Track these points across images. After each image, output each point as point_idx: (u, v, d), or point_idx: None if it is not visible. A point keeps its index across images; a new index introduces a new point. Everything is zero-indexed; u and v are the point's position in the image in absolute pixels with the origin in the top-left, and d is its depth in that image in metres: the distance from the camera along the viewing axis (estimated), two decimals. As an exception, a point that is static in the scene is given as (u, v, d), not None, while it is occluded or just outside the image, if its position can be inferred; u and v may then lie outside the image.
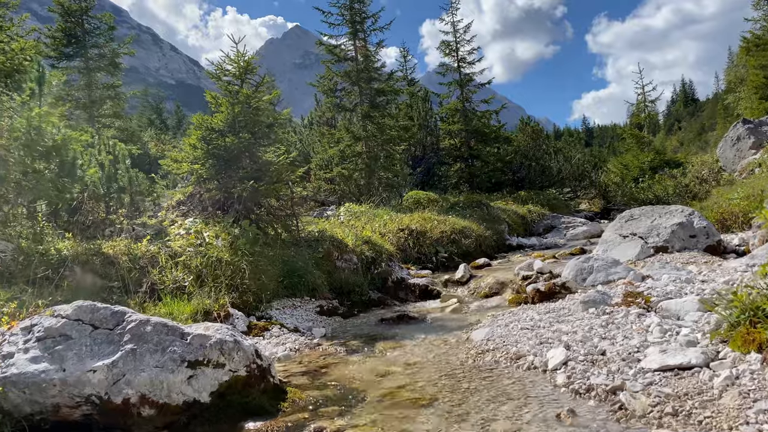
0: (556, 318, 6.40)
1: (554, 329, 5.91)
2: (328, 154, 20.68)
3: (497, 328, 6.61)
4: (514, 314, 7.29)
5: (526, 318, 6.77)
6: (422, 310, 9.58)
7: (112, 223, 10.04)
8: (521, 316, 6.93)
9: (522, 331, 6.19)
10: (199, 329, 5.00)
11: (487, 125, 29.56)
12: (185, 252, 8.80)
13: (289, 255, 10.14)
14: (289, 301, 9.53)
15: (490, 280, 10.61)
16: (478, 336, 6.57)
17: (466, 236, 14.96)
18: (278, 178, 9.99)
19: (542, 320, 6.43)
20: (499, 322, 7.05)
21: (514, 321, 6.75)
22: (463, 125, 28.49)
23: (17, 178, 8.15)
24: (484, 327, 7.03)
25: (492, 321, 7.34)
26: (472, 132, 28.64)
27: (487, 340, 6.25)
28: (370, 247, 11.67)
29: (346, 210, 16.11)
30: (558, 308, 6.92)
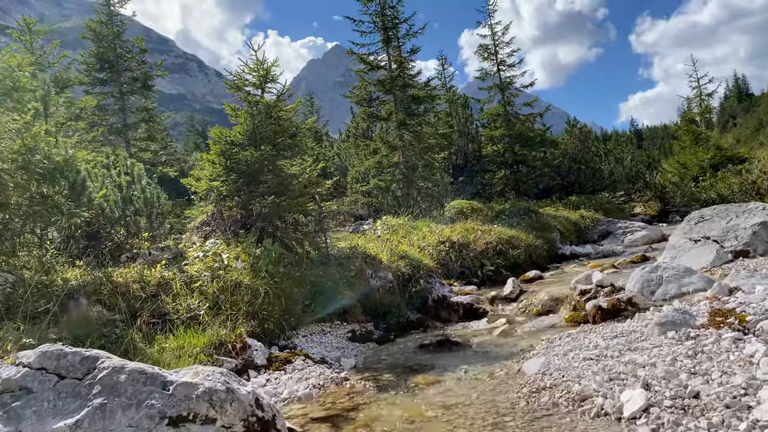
0: (627, 344, 5.24)
1: (626, 360, 4.76)
2: (365, 166, 19.84)
3: (554, 357, 5.49)
4: (574, 338, 6.14)
5: (588, 344, 5.63)
6: (466, 334, 8.51)
7: (130, 247, 9.38)
8: (583, 342, 5.79)
9: (585, 362, 5.06)
10: (186, 375, 4.11)
11: (531, 129, 28.22)
12: (201, 277, 8.01)
13: (318, 275, 9.24)
14: (317, 326, 8.61)
15: (542, 295, 9.44)
16: (531, 368, 5.48)
17: (514, 246, 13.78)
18: (302, 192, 9.13)
19: (609, 347, 5.28)
20: (556, 348, 5.93)
21: (574, 348, 5.61)
22: (506, 130, 27.24)
23: (19, 203, 7.53)
24: (538, 356, 5.92)
25: (547, 347, 6.22)
26: (515, 137, 27.35)
27: (542, 373, 5.15)
28: (407, 263, 10.66)
29: (383, 223, 15.16)
30: (627, 331, 5.74)
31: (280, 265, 8.83)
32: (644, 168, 31.87)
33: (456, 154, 27.74)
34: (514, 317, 9.15)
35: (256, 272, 8.31)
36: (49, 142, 7.31)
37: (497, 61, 28.33)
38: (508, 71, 28.40)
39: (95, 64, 21.12)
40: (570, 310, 8.53)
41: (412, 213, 15.96)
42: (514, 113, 28.28)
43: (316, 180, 9.78)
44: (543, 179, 27.63)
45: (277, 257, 8.86)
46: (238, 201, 9.18)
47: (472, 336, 8.26)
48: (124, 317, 7.33)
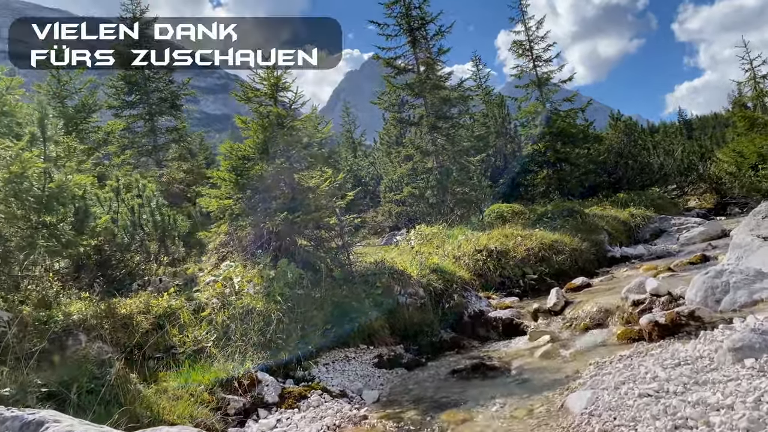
0: (693, 376, 4.30)
1: (694, 400, 3.83)
2: (398, 173, 19.08)
3: (603, 392, 4.58)
4: (627, 366, 5.20)
5: (645, 374, 4.69)
6: (505, 355, 7.62)
7: (142, 274, 8.88)
8: (638, 372, 4.85)
9: (641, 400, 4.14)
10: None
11: (572, 125, 26.89)
12: (209, 304, 7.39)
13: (341, 295, 8.51)
14: (340, 352, 7.86)
15: (590, 307, 8.46)
16: (576, 404, 4.58)
17: (558, 252, 12.74)
18: (318, 206, 8.43)
19: (671, 380, 4.34)
20: (605, 378, 5.00)
21: (627, 380, 4.68)
22: (546, 127, 26.01)
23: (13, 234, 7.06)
24: (584, 387, 5.01)
25: (596, 375, 5.29)
26: (556, 134, 26.08)
27: (589, 414, 4.26)
28: (440, 276, 9.83)
29: (416, 233, 14.35)
30: (692, 357, 4.77)
31: (298, 287, 8.14)
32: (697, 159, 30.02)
33: (494, 155, 26.66)
34: (558, 333, 8.20)
35: (270, 296, 7.64)
36: (38, 168, 6.80)
37: (533, 57, 27.15)
38: (545, 66, 27.19)
39: (123, 87, 21.08)
40: (622, 325, 7.55)
41: (447, 220, 15.10)
42: (554, 110, 27.04)
43: (335, 192, 9.06)
44: (588, 177, 26.23)
45: (295, 278, 8.18)
46: (253, 220, 8.55)
47: (511, 358, 7.37)
48: (126, 353, 6.77)
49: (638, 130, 31.64)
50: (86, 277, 8.89)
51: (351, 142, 37.35)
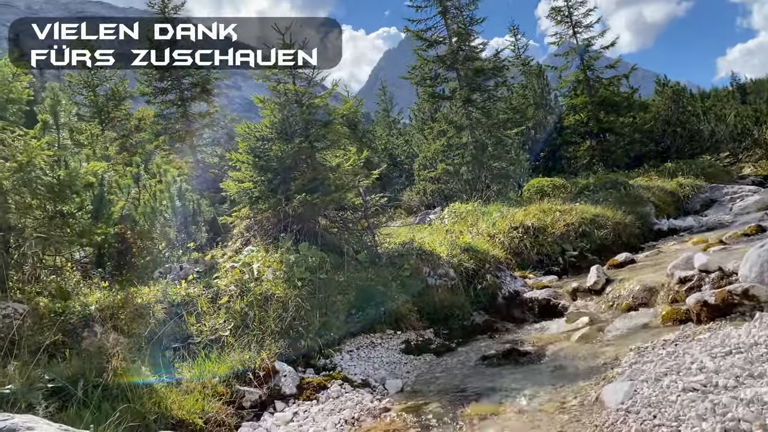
0: (747, 367, 3.75)
1: (748, 397, 3.30)
2: (431, 150, 18.50)
3: (643, 384, 4.08)
4: (671, 354, 4.66)
5: (690, 364, 4.16)
6: (540, 339, 7.13)
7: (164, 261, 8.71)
8: (682, 361, 4.31)
9: (686, 395, 3.63)
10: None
11: (616, 93, 25.67)
12: (227, 291, 7.13)
13: (365, 278, 8.15)
14: (365, 338, 7.53)
15: (633, 285, 7.86)
16: (612, 398, 4.10)
17: (600, 226, 12.05)
18: (339, 186, 8.04)
19: (721, 371, 3.80)
20: (646, 368, 4.48)
21: (670, 371, 4.16)
22: (588, 96, 24.91)
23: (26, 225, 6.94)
24: (622, 377, 4.51)
25: (635, 364, 4.78)
26: (599, 103, 24.97)
27: (626, 410, 3.78)
28: (472, 256, 9.35)
29: (450, 211, 13.85)
30: (746, 344, 4.21)
31: (320, 271, 7.81)
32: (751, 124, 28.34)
33: (533, 128, 25.73)
34: (598, 314, 7.66)
35: (290, 282, 7.34)
36: (47, 157, 6.62)
37: (572, 23, 25.95)
38: (585, 32, 25.93)
39: (155, 74, 21.07)
40: (667, 304, 6.97)
41: (483, 197, 14.53)
42: (596, 77, 25.86)
43: (358, 171, 8.65)
44: (633, 147, 25.04)
45: (318, 262, 7.85)
46: (272, 202, 8.23)
47: (546, 342, 6.88)
48: (142, 344, 6.59)
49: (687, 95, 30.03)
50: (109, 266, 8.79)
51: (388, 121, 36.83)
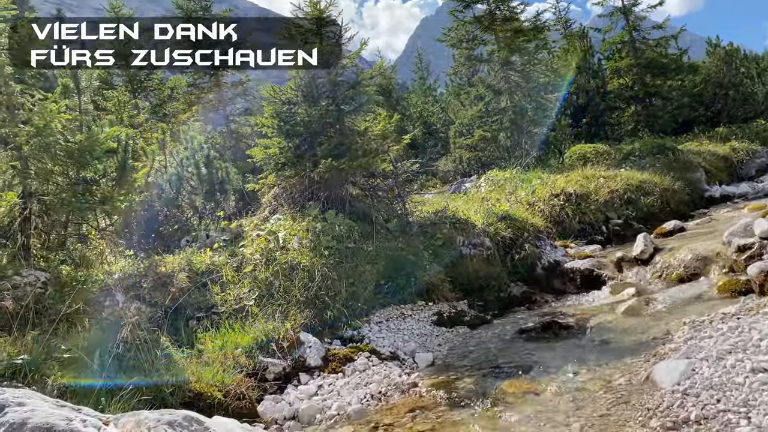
0: (829, 345, 3.24)
1: (834, 380, 2.81)
2: (468, 116, 17.83)
3: (702, 363, 3.61)
4: (734, 329, 4.14)
5: (759, 341, 3.66)
6: (582, 311, 6.65)
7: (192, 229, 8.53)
8: (748, 337, 3.81)
9: (755, 376, 3.16)
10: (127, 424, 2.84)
11: (663, 54, 24.30)
12: (252, 260, 6.86)
13: (396, 248, 7.78)
14: (395, 309, 7.18)
15: (684, 254, 7.28)
16: (665, 377, 3.65)
17: (646, 193, 11.34)
18: (366, 150, 7.62)
19: (797, 350, 3.30)
20: (704, 344, 4.00)
21: (735, 348, 3.68)
22: (634, 59, 23.66)
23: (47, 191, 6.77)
24: (677, 354, 4.05)
25: (691, 339, 4.29)
26: (645, 65, 23.68)
27: (683, 393, 3.33)
28: (509, 225, 8.86)
29: (486, 179, 13.30)
30: (824, 318, 3.68)
31: (348, 240, 7.47)
32: (812, 84, 26.62)
33: (576, 93, 24.64)
34: (645, 286, 7.12)
35: (316, 250, 7.02)
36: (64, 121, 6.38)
37: (618, -19, 24.59)
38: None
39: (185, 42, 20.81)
40: (723, 274, 6.40)
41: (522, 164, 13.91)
42: (642, 39, 24.54)
43: (388, 135, 8.21)
44: (681, 112, 23.75)
45: (346, 231, 7.50)
46: (298, 168, 7.89)
47: (589, 314, 6.41)
48: (165, 313, 6.38)
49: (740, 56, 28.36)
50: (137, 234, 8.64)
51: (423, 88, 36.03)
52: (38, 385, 4.28)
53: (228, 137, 20.26)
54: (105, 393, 4.38)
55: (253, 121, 8.57)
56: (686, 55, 26.65)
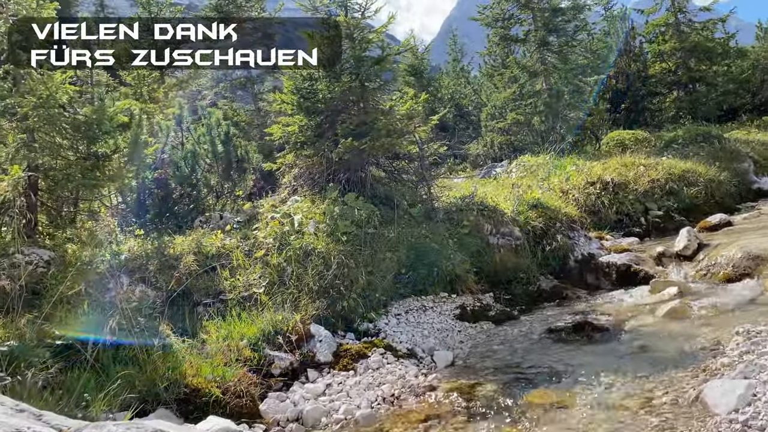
0: None
1: None
2: (501, 98, 17.14)
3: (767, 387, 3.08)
4: (801, 345, 3.59)
5: (835, 364, 3.11)
6: (618, 311, 6.11)
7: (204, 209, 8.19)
8: (822, 358, 3.26)
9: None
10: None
11: (710, 38, 23.06)
12: (265, 244, 6.47)
13: (419, 235, 7.31)
14: (415, 300, 6.73)
15: (733, 251, 6.66)
16: (720, 401, 3.14)
17: (690, 183, 10.62)
18: (390, 130, 7.12)
19: None
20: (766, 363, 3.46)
21: (805, 371, 3.13)
22: (678, 42, 22.51)
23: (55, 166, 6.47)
24: (732, 372, 3.52)
25: (749, 354, 3.76)
26: (690, 49, 22.51)
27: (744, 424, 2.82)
28: (540, 213, 8.31)
29: (518, 164, 12.69)
30: None
31: (369, 225, 7.03)
32: None
33: (616, 77, 23.62)
34: (689, 284, 6.53)
35: (333, 236, 6.59)
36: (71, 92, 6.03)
37: (664, -41, 23.38)
38: (678, -29, 23.35)
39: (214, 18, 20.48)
40: (780, 277, 5.79)
41: (557, 150, 13.24)
42: (688, 21, 23.33)
43: (414, 115, 7.70)
44: (727, 98, 22.58)
45: (366, 215, 7.05)
46: (318, 148, 7.45)
47: (626, 315, 5.87)
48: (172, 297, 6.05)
49: (794, 40, 26.86)
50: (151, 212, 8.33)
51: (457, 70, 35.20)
52: (22, 375, 3.96)
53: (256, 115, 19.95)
54: (93, 386, 4.05)
55: (272, 98, 8.13)
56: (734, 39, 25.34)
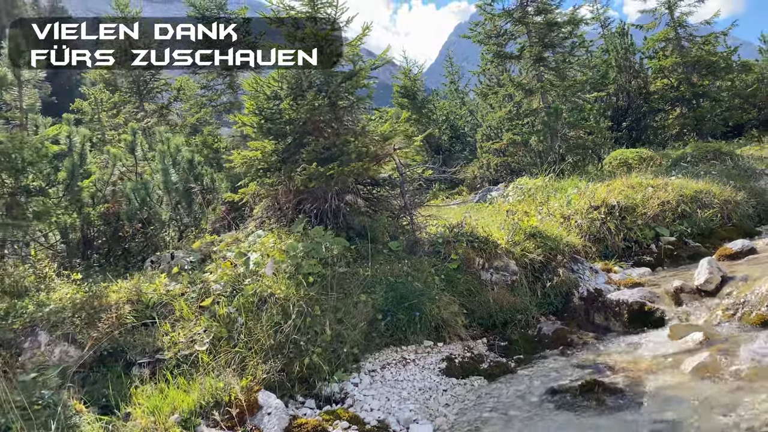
0: None
1: None
2: (496, 118, 16.27)
3: None
4: None
5: None
6: (634, 364, 5.10)
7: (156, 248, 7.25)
8: None
9: None
10: None
11: (712, 52, 22.29)
12: (213, 291, 5.51)
13: (399, 272, 6.34)
14: (395, 352, 5.75)
15: (766, 287, 5.67)
16: None
17: (704, 205, 9.66)
18: (361, 153, 6.19)
19: None
20: None
21: None
22: (679, 57, 21.74)
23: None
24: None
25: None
26: (692, 64, 21.72)
27: None
28: (539, 243, 7.34)
29: (515, 187, 11.75)
30: None
31: (340, 263, 6.07)
32: None
33: (617, 94, 22.79)
34: (715, 327, 5.53)
35: (296, 278, 5.62)
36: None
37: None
38: (676, -16, 22.65)
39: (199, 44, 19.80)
40: (829, 320, 4.79)
41: (556, 171, 12.31)
42: (689, 35, 22.57)
43: (392, 135, 6.77)
44: (732, 114, 21.74)
45: (337, 251, 6.10)
46: (282, 176, 6.52)
47: (644, 370, 4.87)
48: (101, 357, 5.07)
49: (796, 53, 26.13)
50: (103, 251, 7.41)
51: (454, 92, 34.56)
52: None
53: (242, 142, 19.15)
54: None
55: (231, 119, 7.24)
56: (736, 53, 24.58)
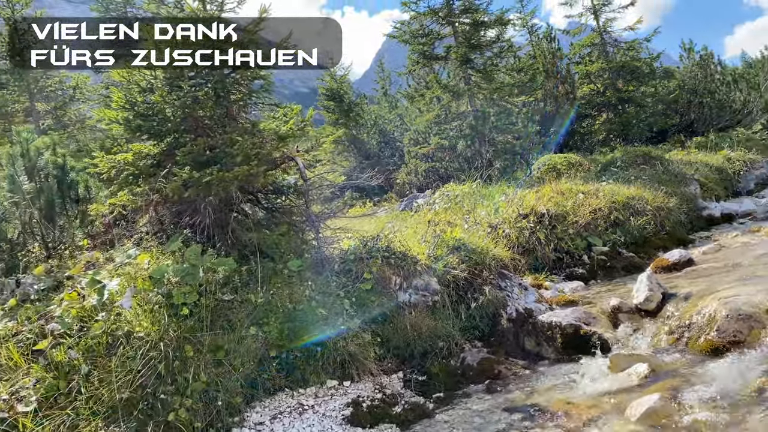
0: None
1: None
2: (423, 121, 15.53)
3: None
4: None
5: None
6: (573, 408, 4.27)
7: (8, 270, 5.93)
8: None
9: None
10: None
11: (637, 58, 22.56)
12: (50, 331, 4.31)
13: (300, 296, 5.32)
14: (290, 397, 4.72)
15: (713, 307, 5.00)
16: None
17: (636, 212, 9.14)
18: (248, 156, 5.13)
19: None
20: None
21: None
22: (605, 62, 21.84)
23: None
24: None
25: None
26: (617, 70, 21.88)
27: None
28: (464, 258, 6.49)
29: (442, 194, 10.97)
30: None
31: (225, 289, 4.99)
32: (790, 93, 25.28)
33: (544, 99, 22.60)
34: (660, 357, 4.80)
35: (164, 310, 4.51)
36: None
37: (585, -20, 22.74)
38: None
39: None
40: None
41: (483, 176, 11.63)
42: (614, 41, 22.74)
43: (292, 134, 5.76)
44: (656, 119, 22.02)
45: (222, 276, 5.02)
46: (154, 183, 5.37)
47: (584, 417, 4.04)
48: None
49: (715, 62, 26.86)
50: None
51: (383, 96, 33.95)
52: None
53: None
54: None
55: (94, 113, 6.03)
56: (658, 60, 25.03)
